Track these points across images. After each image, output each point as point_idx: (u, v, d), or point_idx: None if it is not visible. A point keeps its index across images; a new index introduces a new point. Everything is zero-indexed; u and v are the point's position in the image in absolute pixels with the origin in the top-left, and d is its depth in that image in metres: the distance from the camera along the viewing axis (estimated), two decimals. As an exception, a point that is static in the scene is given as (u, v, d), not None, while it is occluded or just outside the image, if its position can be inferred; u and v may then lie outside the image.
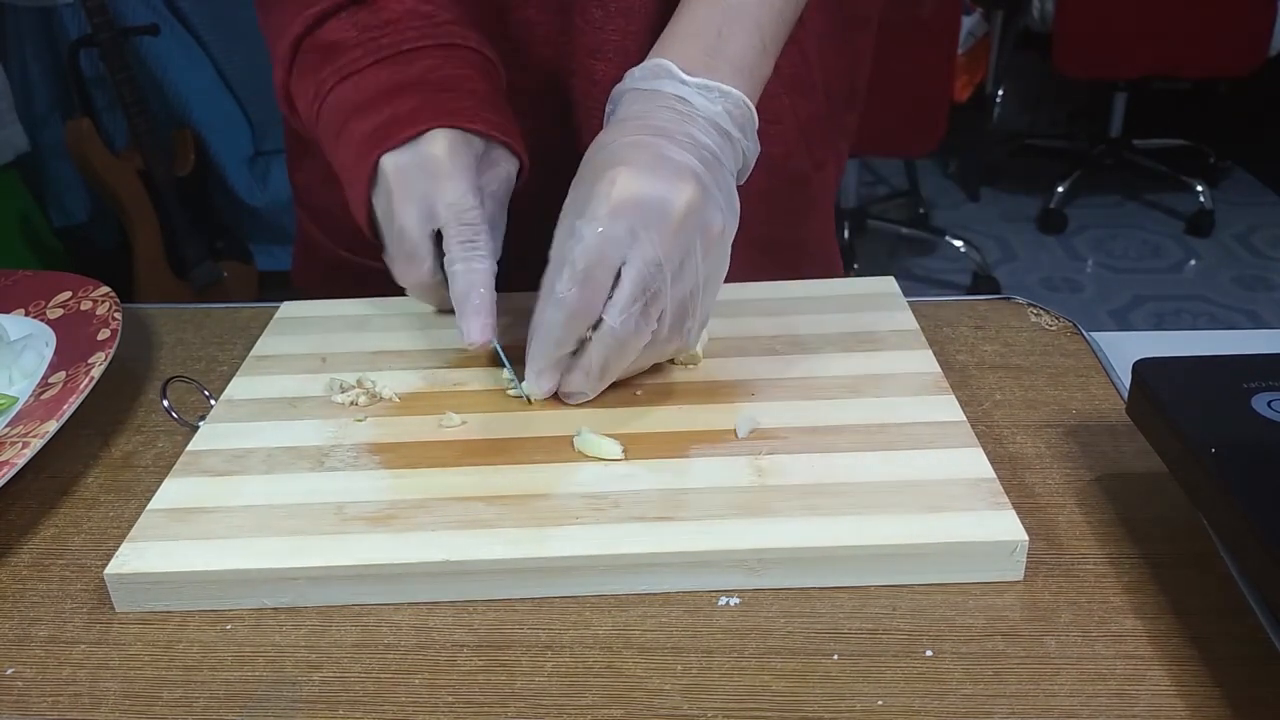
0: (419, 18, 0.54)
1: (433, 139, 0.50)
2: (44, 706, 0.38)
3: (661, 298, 0.46)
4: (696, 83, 0.49)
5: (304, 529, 0.43)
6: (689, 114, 0.48)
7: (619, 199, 0.45)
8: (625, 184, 0.45)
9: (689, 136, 0.47)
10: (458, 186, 0.50)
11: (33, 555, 0.46)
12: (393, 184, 0.51)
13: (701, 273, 0.47)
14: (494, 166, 0.53)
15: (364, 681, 0.38)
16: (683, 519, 0.42)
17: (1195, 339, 0.90)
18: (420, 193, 0.50)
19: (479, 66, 0.55)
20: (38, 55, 2.04)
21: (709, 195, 0.46)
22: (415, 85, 0.52)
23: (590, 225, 0.45)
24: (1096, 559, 0.42)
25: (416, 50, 0.53)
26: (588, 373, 0.48)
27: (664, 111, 0.48)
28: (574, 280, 0.45)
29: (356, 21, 0.54)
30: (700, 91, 0.49)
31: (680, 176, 0.45)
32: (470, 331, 0.50)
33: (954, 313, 0.61)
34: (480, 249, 0.50)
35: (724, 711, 0.36)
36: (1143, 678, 0.37)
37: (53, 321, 0.59)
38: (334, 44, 0.54)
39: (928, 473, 0.44)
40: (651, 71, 0.49)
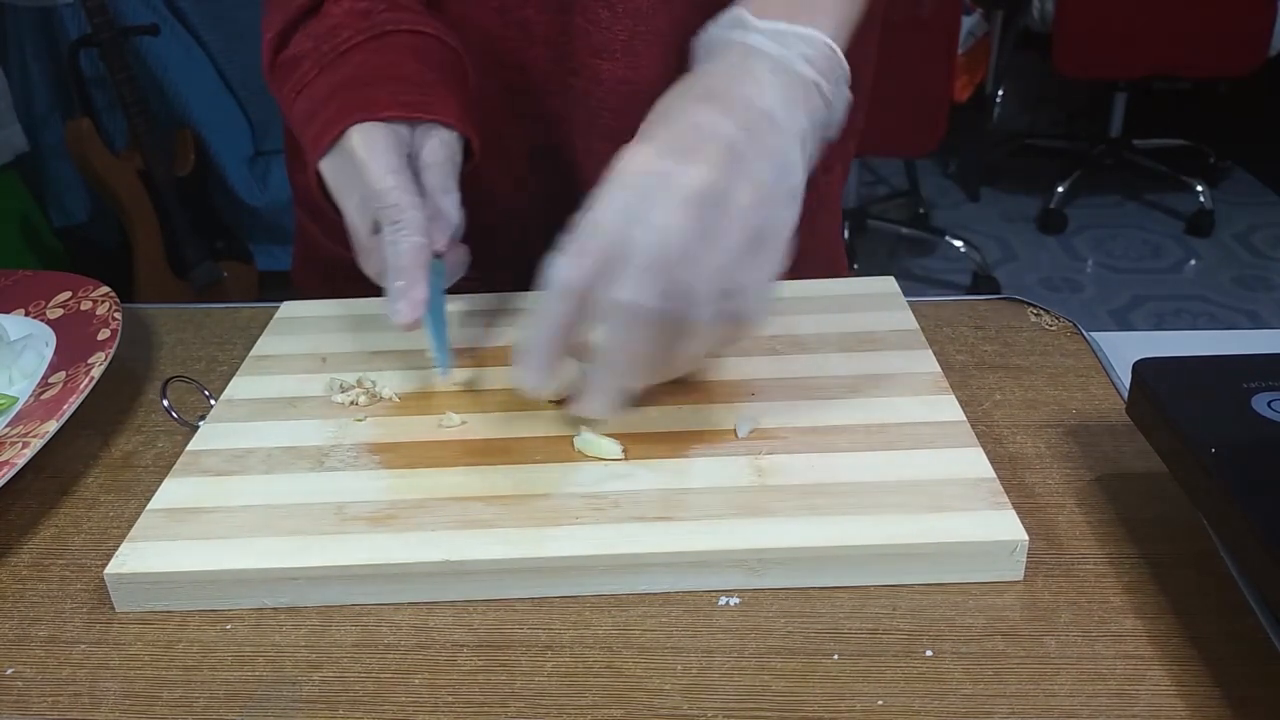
0: (355, 16, 0.55)
1: (348, 136, 0.50)
2: (44, 706, 0.38)
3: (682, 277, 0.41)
4: (767, 27, 0.45)
5: (304, 529, 0.43)
6: (753, 69, 0.44)
7: (627, 172, 0.42)
8: (637, 159, 0.42)
9: (742, 98, 0.43)
10: (371, 172, 0.50)
11: (33, 555, 0.46)
12: (332, 186, 0.52)
13: (734, 251, 0.42)
14: (426, 140, 0.52)
15: (364, 681, 0.38)
16: (683, 519, 0.42)
17: (1195, 339, 0.90)
18: (351, 189, 0.51)
19: (411, 48, 0.55)
20: (38, 55, 2.04)
21: (739, 169, 0.42)
22: (342, 86, 0.53)
23: (598, 197, 0.42)
24: (1096, 559, 0.42)
25: (350, 49, 0.54)
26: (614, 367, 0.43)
27: (727, 69, 0.45)
28: (575, 255, 0.42)
29: (309, 32, 0.56)
30: (772, 37, 0.45)
31: (700, 149, 0.42)
32: (397, 312, 0.48)
33: (954, 313, 0.61)
34: (404, 226, 0.49)
35: (724, 711, 0.36)
36: (1143, 677, 0.37)
37: (53, 321, 0.59)
38: (293, 59, 0.56)
39: (928, 472, 0.44)
40: (725, 22, 0.47)
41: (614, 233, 0.41)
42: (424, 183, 0.51)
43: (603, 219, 0.42)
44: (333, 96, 0.53)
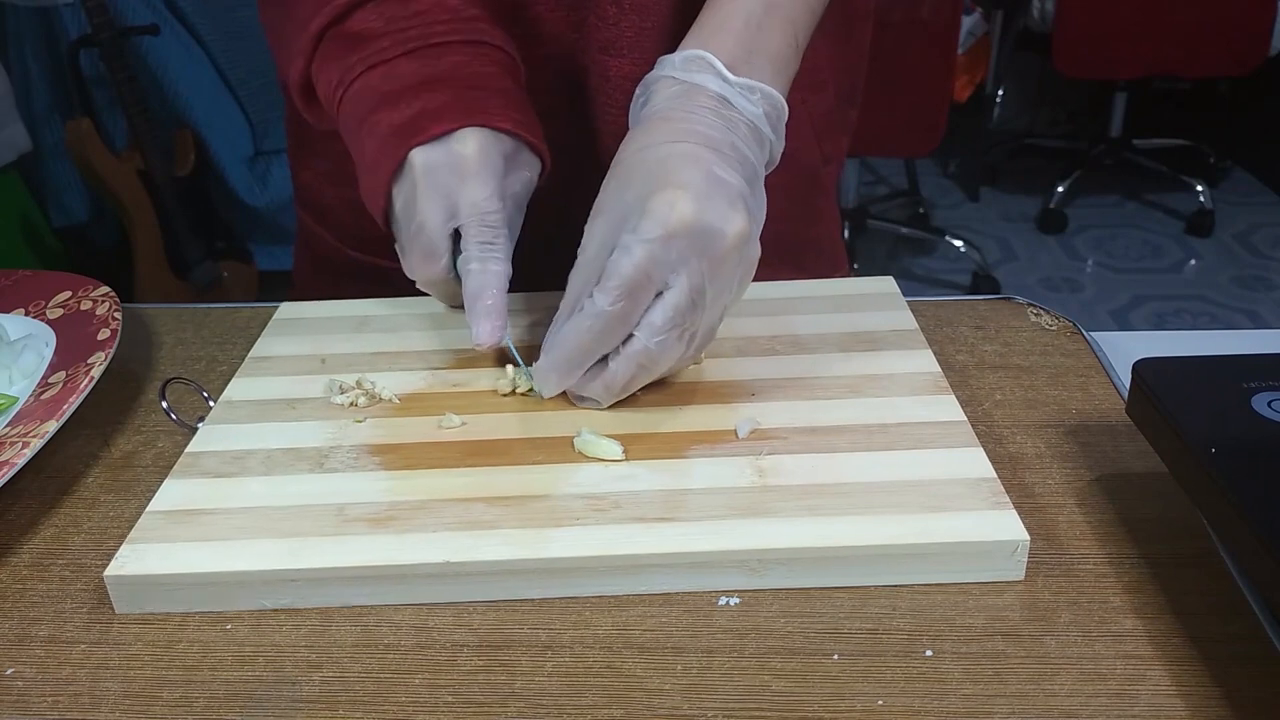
0: (445, 10, 0.54)
1: (463, 137, 0.50)
2: (44, 706, 0.38)
3: (696, 322, 0.46)
4: (740, 83, 0.48)
5: (304, 530, 0.43)
6: (732, 120, 0.48)
7: (677, 224, 0.44)
8: (684, 209, 0.44)
9: (735, 150, 0.47)
10: (484, 187, 0.50)
11: (33, 555, 0.46)
12: (419, 178, 0.51)
13: (728, 296, 0.47)
14: (518, 168, 0.53)
15: (364, 681, 0.38)
16: (683, 520, 0.42)
17: (1195, 339, 0.90)
18: (446, 190, 0.50)
19: (504, 64, 0.55)
20: (38, 55, 2.04)
21: (755, 224, 0.46)
22: (445, 80, 0.52)
23: (643, 245, 0.44)
24: (1096, 559, 0.42)
25: (445, 45, 0.53)
26: (609, 386, 0.48)
27: (707, 115, 0.47)
28: (618, 294, 0.44)
29: (383, 13, 0.53)
30: (743, 93, 0.48)
31: (734, 206, 0.45)
32: (481, 333, 0.50)
33: (954, 313, 0.61)
34: (497, 251, 0.50)
35: (724, 711, 0.36)
36: (1143, 678, 0.37)
37: (53, 321, 0.59)
38: (360, 34, 0.53)
39: (928, 473, 0.44)
40: (692, 63, 0.49)
41: (657, 282, 0.45)
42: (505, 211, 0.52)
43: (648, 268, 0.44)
44: (432, 86, 0.51)
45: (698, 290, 0.45)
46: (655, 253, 0.44)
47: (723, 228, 0.44)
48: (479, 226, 0.50)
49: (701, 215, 0.44)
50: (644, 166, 0.46)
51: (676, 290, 0.45)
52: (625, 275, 0.44)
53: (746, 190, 0.46)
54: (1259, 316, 2.28)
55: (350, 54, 0.53)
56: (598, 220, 0.47)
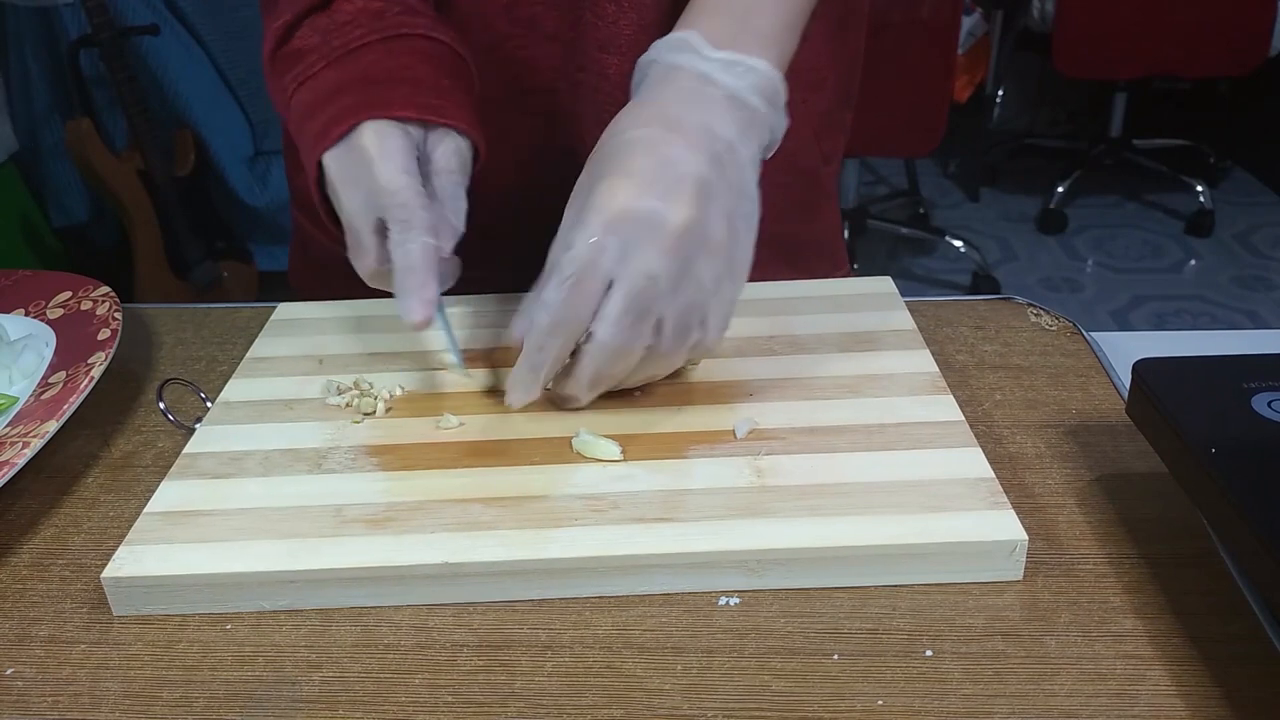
0: (368, 15, 0.55)
1: (361, 131, 0.50)
2: (44, 706, 0.38)
3: (655, 311, 0.45)
4: (721, 57, 0.47)
5: (302, 531, 0.43)
6: (709, 97, 0.47)
7: (613, 212, 0.44)
8: (621, 196, 0.44)
9: (704, 129, 0.46)
10: (384, 170, 0.49)
11: (33, 555, 0.46)
12: (334, 180, 0.51)
13: (706, 284, 0.46)
14: (439, 145, 0.52)
15: (364, 681, 0.38)
16: (682, 520, 0.42)
17: (1195, 339, 0.91)
18: (356, 184, 0.51)
19: (424, 52, 0.55)
20: (38, 55, 2.04)
21: (711, 203, 0.45)
22: (355, 82, 0.52)
23: (582, 234, 0.44)
24: (1096, 559, 0.42)
25: (362, 47, 0.54)
26: (577, 380, 0.47)
27: (682, 95, 0.47)
28: (561, 288, 0.44)
29: (316, 26, 0.55)
30: (725, 67, 0.47)
31: (680, 188, 0.44)
32: (409, 310, 0.49)
33: (954, 313, 0.61)
34: (414, 226, 0.49)
35: (724, 711, 0.36)
36: (1143, 678, 0.37)
37: (53, 321, 0.59)
38: (299, 51, 0.55)
39: (927, 473, 0.44)
40: (675, 44, 0.49)
41: (603, 273, 0.44)
42: (433, 188, 0.51)
43: (592, 258, 0.44)
44: (342, 91, 0.52)
45: (644, 275, 0.44)
46: (597, 242, 0.44)
47: (664, 212, 0.44)
48: (392, 207, 0.50)
49: (638, 201, 0.44)
50: (605, 152, 0.46)
51: (622, 279, 0.44)
52: (565, 266, 0.44)
53: (706, 171, 0.45)
54: (1259, 317, 2.28)
55: (286, 73, 0.55)
56: (569, 208, 0.47)
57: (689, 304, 0.46)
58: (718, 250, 0.46)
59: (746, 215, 0.47)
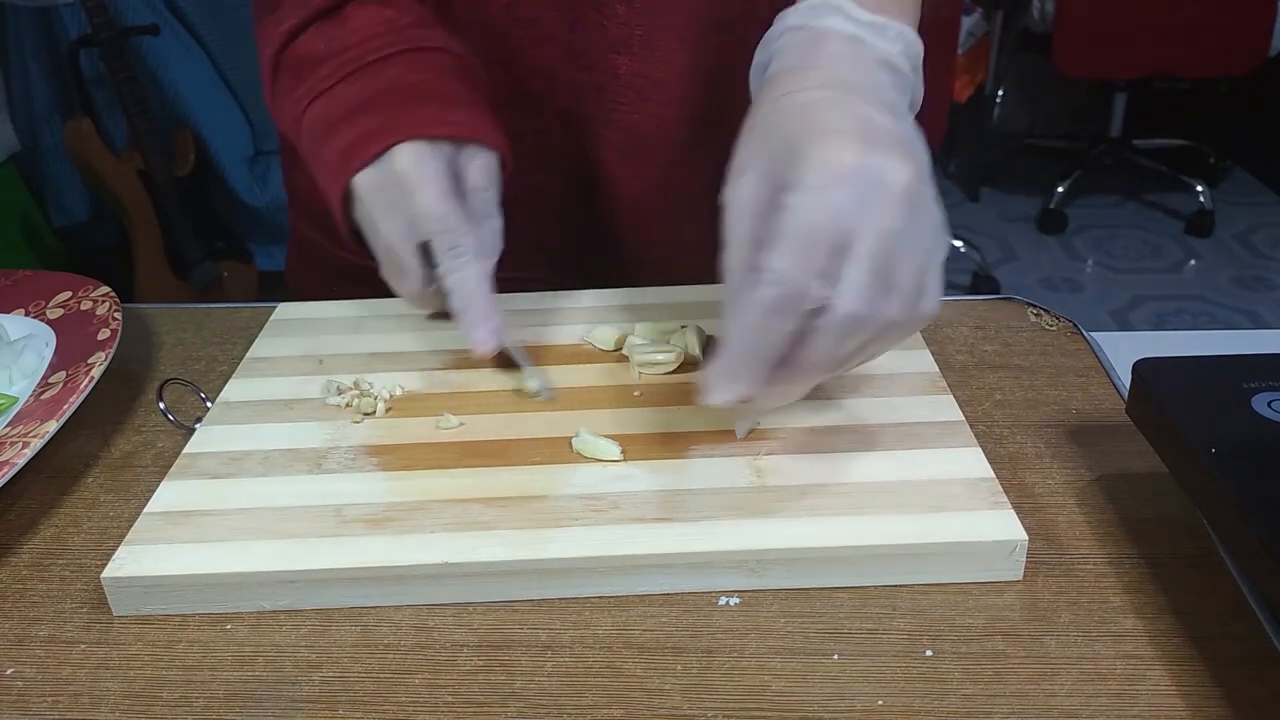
0: (382, 24, 0.54)
1: (398, 154, 0.49)
2: (44, 706, 0.38)
3: (896, 274, 0.39)
4: (871, 21, 0.44)
5: (302, 531, 0.43)
6: (864, 60, 0.44)
7: (842, 167, 0.38)
8: (846, 152, 0.38)
9: (876, 89, 0.43)
10: (428, 196, 0.49)
11: (33, 555, 0.46)
12: (368, 202, 0.51)
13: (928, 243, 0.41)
14: (471, 162, 0.52)
15: (364, 681, 0.38)
16: (682, 520, 0.42)
17: (1195, 339, 0.91)
18: (397, 207, 0.50)
19: (445, 66, 0.54)
20: (38, 55, 2.04)
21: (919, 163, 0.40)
22: (380, 99, 0.52)
23: (807, 195, 0.38)
24: (1096, 559, 0.42)
25: (381, 60, 0.53)
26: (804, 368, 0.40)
27: (839, 59, 0.43)
28: (792, 254, 0.38)
29: (324, 35, 0.54)
30: (875, 31, 0.44)
31: (894, 146, 0.40)
32: (479, 342, 0.50)
33: (954, 313, 0.61)
34: (465, 253, 0.50)
35: (724, 711, 0.36)
36: (1142, 677, 0.37)
37: (53, 321, 0.59)
38: (305, 59, 0.54)
39: (927, 473, 0.44)
40: (821, 8, 0.45)
41: (836, 234, 0.38)
42: (469, 207, 0.51)
43: (822, 219, 0.38)
44: (367, 108, 0.51)
45: (888, 235, 0.38)
46: (828, 200, 0.38)
47: (892, 169, 0.39)
48: (439, 235, 0.50)
49: (865, 156, 0.38)
50: (783, 115, 0.41)
51: (864, 237, 0.38)
52: (794, 231, 0.38)
53: (898, 128, 0.41)
54: (1259, 317, 2.28)
55: (298, 85, 0.54)
56: (741, 180, 0.41)
57: (920, 265, 0.40)
58: (933, 208, 0.41)
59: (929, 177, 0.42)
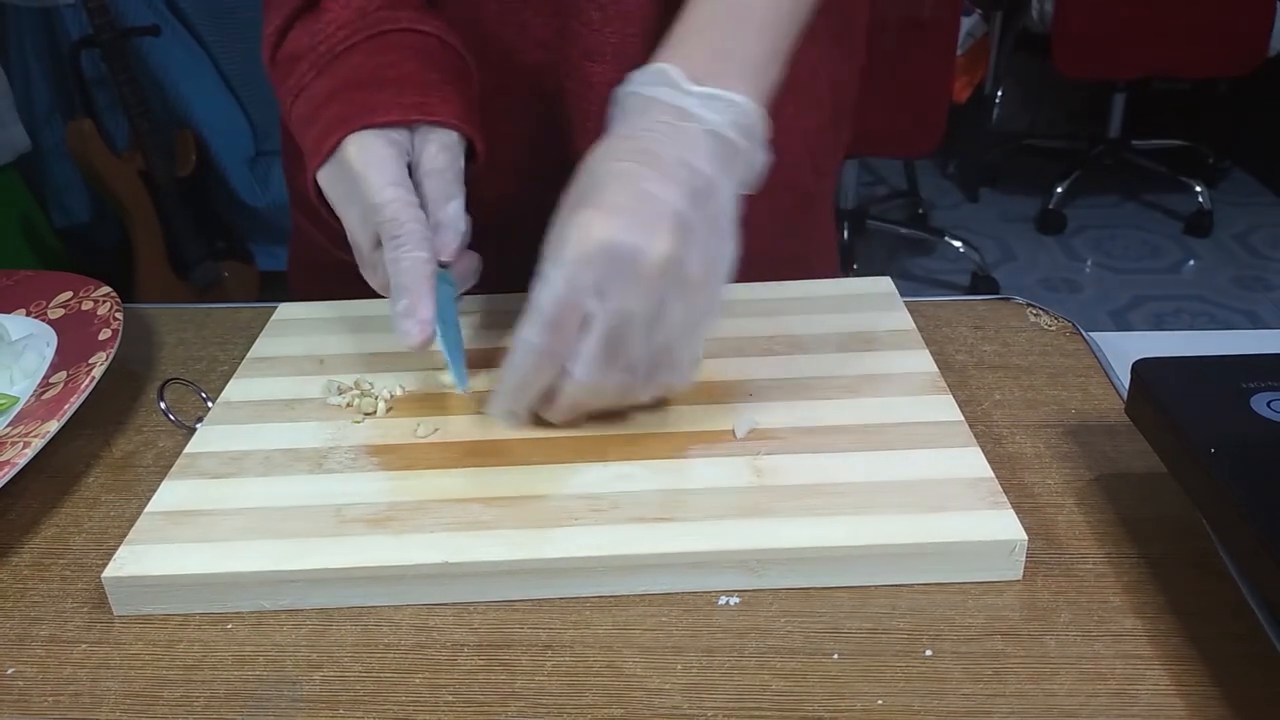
0: (353, 13, 0.54)
1: (345, 145, 0.49)
2: (45, 706, 0.38)
3: (632, 349, 0.44)
4: (700, 92, 0.46)
5: (303, 531, 0.43)
6: (688, 132, 0.45)
7: (589, 247, 0.42)
8: (598, 230, 0.42)
9: (683, 164, 0.44)
10: (370, 184, 0.49)
11: (34, 555, 0.46)
12: (330, 197, 0.51)
13: (680, 323, 0.45)
14: (426, 144, 0.51)
15: (364, 680, 0.38)
16: (682, 520, 0.42)
17: (1194, 339, 0.91)
18: (351, 200, 0.50)
19: (409, 47, 0.54)
20: (39, 56, 2.04)
21: (690, 240, 0.43)
22: (340, 90, 0.52)
23: (557, 271, 0.43)
24: (1096, 558, 0.42)
25: (347, 49, 0.53)
26: (557, 412, 0.47)
27: (660, 129, 0.46)
28: (540, 327, 0.43)
29: (307, 30, 0.54)
30: (703, 102, 0.46)
31: (659, 223, 0.43)
32: (405, 333, 0.47)
33: (953, 313, 0.61)
34: (405, 241, 0.48)
35: (724, 711, 0.36)
36: (1142, 677, 0.37)
37: (54, 321, 0.59)
38: (293, 55, 0.54)
39: (926, 473, 0.44)
40: (653, 77, 0.47)
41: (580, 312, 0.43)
42: (425, 192, 0.50)
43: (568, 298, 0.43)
44: (331, 100, 0.52)
45: (622, 315, 0.43)
46: (572, 278, 0.42)
47: (641, 247, 0.42)
48: (382, 224, 0.49)
49: (616, 235, 0.42)
50: (581, 186, 0.45)
51: (598, 317, 0.43)
52: (545, 307, 0.43)
53: (685, 207, 0.43)
54: (1258, 317, 2.28)
55: (284, 82, 0.54)
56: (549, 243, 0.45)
57: (662, 344, 0.45)
58: (694, 289, 0.44)
59: (723, 255, 0.46)
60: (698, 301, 0.45)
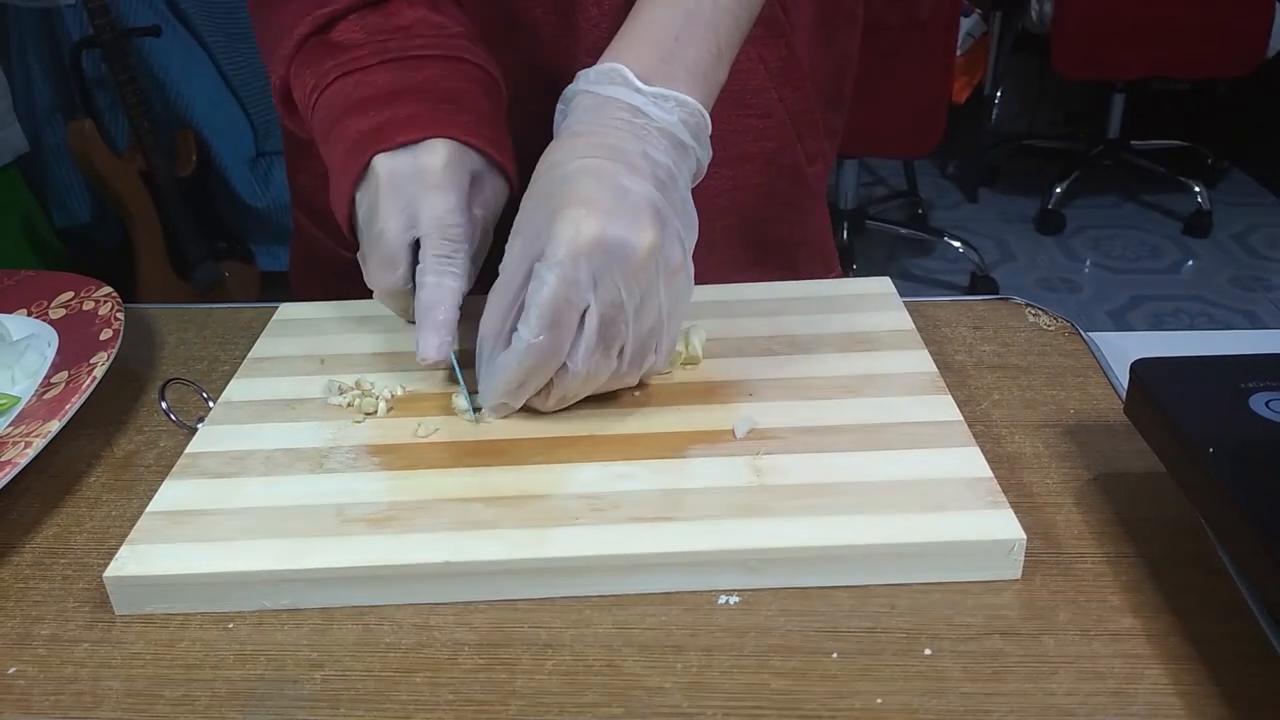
0: (430, 27, 0.54)
1: (431, 148, 0.50)
2: (46, 705, 0.38)
3: (622, 336, 0.46)
4: (652, 92, 0.48)
5: (304, 531, 0.43)
6: (644, 128, 0.47)
7: (582, 243, 0.43)
8: (587, 226, 0.43)
9: (645, 157, 0.46)
10: (447, 199, 0.49)
11: (35, 554, 0.46)
12: (382, 186, 0.50)
13: (665, 307, 0.47)
14: (485, 188, 0.53)
15: (365, 680, 0.38)
16: (682, 519, 0.42)
17: (1193, 339, 0.91)
18: (408, 199, 0.50)
19: (483, 83, 0.54)
20: (40, 56, 2.04)
21: (668, 229, 0.46)
22: (418, 91, 0.51)
23: (552, 270, 0.44)
24: (1094, 558, 0.43)
25: (423, 58, 0.53)
26: (547, 401, 0.48)
27: (618, 125, 0.47)
28: (540, 325, 0.44)
29: (366, 24, 0.54)
30: (656, 101, 0.48)
31: (641, 215, 0.44)
32: (428, 347, 0.49)
33: (952, 313, 0.62)
34: (454, 266, 0.50)
35: (724, 710, 0.36)
36: (1140, 676, 0.37)
37: (55, 321, 0.59)
38: (340, 44, 0.54)
39: (925, 472, 0.44)
40: (605, 75, 0.48)
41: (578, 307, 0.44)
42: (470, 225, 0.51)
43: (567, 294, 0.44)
44: (403, 96, 0.51)
45: (614, 305, 0.44)
46: (568, 275, 0.43)
47: (630, 239, 0.44)
48: (438, 239, 0.49)
49: (606, 230, 0.44)
50: (552, 185, 0.46)
51: (594, 309, 0.44)
52: (544, 303, 0.44)
53: (657, 198, 0.45)
54: (1256, 317, 2.28)
55: (327, 59, 0.53)
56: (515, 240, 0.47)
57: (648, 329, 0.47)
58: (675, 274, 0.46)
59: (691, 240, 0.48)
60: (676, 286, 0.47)
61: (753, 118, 0.63)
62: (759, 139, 0.65)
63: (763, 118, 0.64)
